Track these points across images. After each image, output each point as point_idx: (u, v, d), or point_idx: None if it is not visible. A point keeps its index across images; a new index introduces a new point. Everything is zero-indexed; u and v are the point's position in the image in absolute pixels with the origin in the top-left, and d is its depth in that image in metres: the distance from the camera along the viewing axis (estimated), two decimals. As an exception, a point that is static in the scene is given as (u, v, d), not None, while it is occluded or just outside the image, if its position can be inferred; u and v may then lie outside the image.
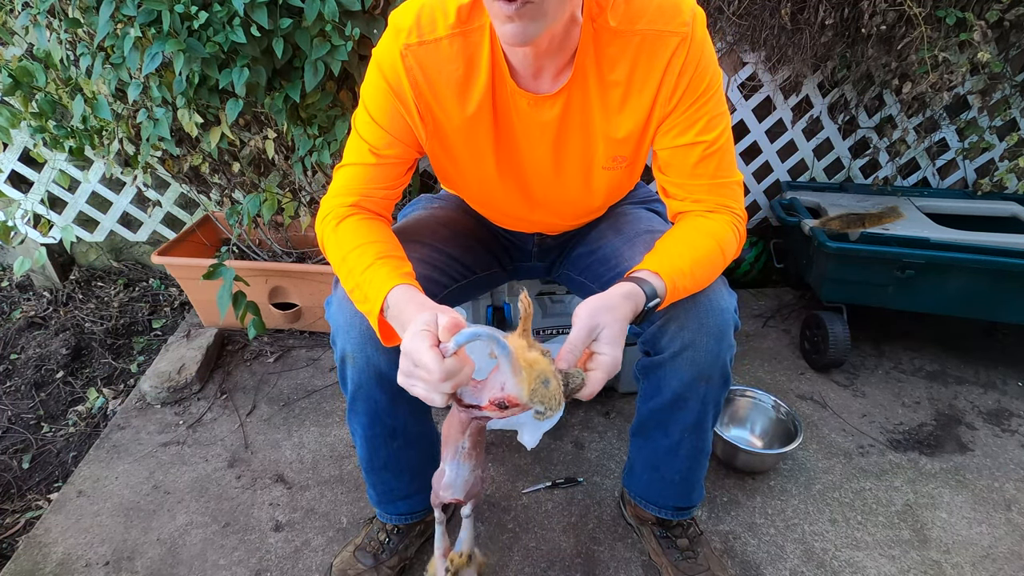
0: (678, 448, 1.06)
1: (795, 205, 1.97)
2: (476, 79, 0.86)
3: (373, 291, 0.79)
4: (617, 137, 0.90)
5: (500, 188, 1.00)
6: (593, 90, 0.87)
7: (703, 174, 0.89)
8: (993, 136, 2.13)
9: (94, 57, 1.46)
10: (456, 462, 0.77)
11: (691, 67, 0.83)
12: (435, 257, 1.05)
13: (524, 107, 0.88)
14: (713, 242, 0.88)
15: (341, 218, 0.89)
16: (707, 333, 0.91)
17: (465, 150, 0.94)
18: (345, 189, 0.92)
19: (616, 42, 0.83)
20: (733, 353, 0.96)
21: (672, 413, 1.01)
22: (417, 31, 0.83)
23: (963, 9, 1.78)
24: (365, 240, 0.86)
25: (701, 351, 0.92)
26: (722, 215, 0.90)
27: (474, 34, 0.83)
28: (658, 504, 1.16)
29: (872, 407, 1.69)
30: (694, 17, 0.83)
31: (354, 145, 0.92)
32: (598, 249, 1.11)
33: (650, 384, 1.02)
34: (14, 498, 1.42)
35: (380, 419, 1.01)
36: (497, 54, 0.84)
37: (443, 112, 0.89)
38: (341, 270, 0.86)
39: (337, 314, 0.94)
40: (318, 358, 1.86)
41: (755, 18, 1.86)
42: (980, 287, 1.61)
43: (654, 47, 0.83)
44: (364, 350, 0.92)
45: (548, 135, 0.91)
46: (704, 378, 0.95)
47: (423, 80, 0.86)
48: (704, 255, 0.87)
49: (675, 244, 0.88)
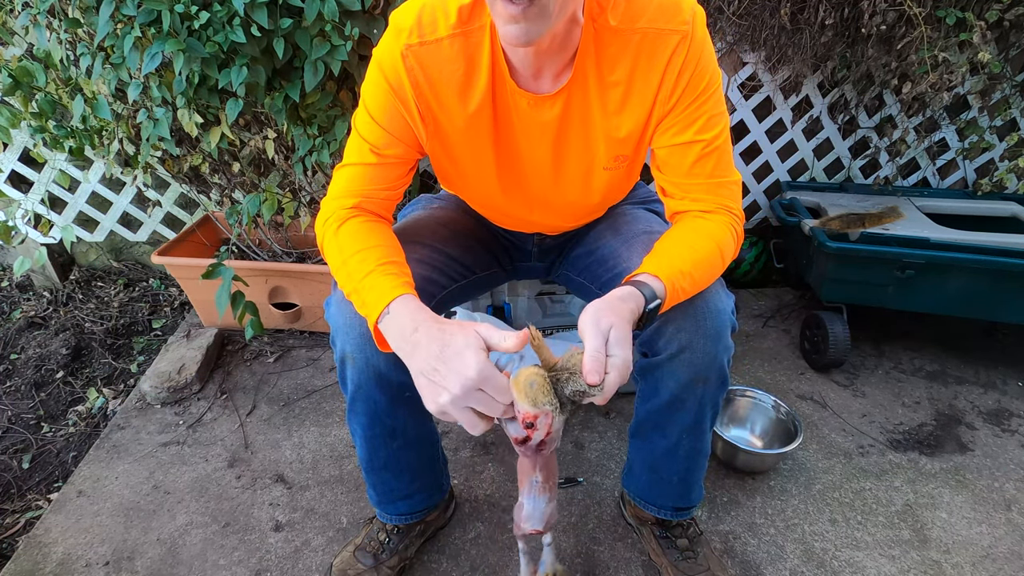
0: (676, 449, 1.06)
1: (795, 205, 1.97)
2: (476, 79, 0.86)
3: (372, 298, 0.79)
4: (618, 136, 0.90)
5: (500, 188, 1.00)
6: (593, 90, 0.87)
7: (701, 173, 0.89)
8: (993, 136, 2.13)
9: (94, 57, 1.46)
10: (532, 496, 0.82)
11: (691, 65, 0.83)
12: (434, 257, 1.05)
13: (524, 107, 0.88)
14: (712, 243, 0.88)
15: (342, 221, 0.89)
16: (704, 335, 0.91)
17: (465, 150, 0.94)
18: (346, 191, 0.92)
19: (616, 41, 0.83)
20: (731, 354, 0.96)
21: (670, 414, 1.01)
22: (418, 31, 0.83)
23: (963, 9, 1.78)
24: (366, 245, 0.86)
25: (698, 353, 0.92)
26: (720, 216, 0.90)
27: (475, 34, 0.83)
28: (657, 505, 1.16)
29: (872, 407, 1.69)
30: (694, 16, 0.83)
31: (355, 145, 0.92)
32: (597, 250, 1.11)
33: (648, 385, 1.02)
34: (14, 498, 1.42)
35: (380, 419, 1.01)
36: (497, 54, 0.84)
37: (444, 112, 0.89)
38: (340, 274, 0.86)
39: (337, 315, 0.94)
40: (318, 358, 1.86)
41: (755, 18, 1.86)
42: (980, 287, 1.61)
43: (654, 45, 0.83)
44: (364, 351, 0.92)
45: (548, 135, 0.91)
46: (701, 379, 0.95)
47: (424, 80, 0.86)
48: (703, 256, 0.87)
49: (674, 246, 0.88)
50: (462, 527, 1.30)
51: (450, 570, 1.21)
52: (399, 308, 0.77)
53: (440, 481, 1.20)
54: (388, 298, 0.78)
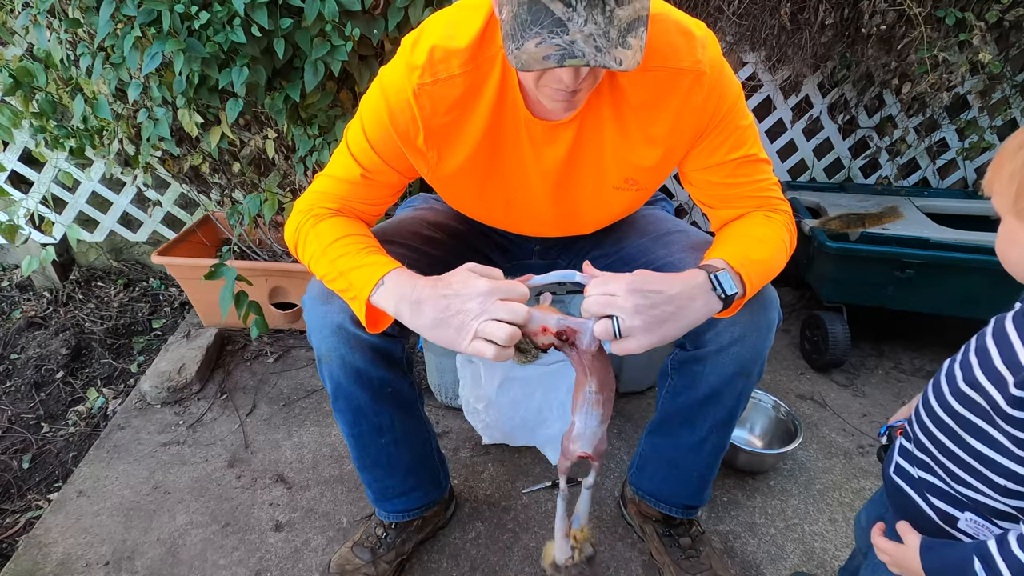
0: (703, 444, 1.05)
1: (795, 205, 1.97)
2: (486, 108, 0.85)
3: (363, 276, 0.79)
4: (630, 161, 0.90)
5: (504, 208, 0.99)
6: (606, 113, 0.86)
7: (740, 182, 0.89)
8: (993, 136, 2.13)
9: (94, 57, 1.46)
10: (585, 411, 0.76)
11: (713, 99, 0.83)
12: (410, 256, 1.03)
13: (538, 134, 0.87)
14: (777, 234, 0.87)
15: (321, 217, 0.89)
16: (757, 328, 0.90)
17: (470, 178, 0.93)
18: (328, 196, 0.91)
19: (631, 76, 0.82)
20: (770, 348, 0.96)
21: (703, 408, 1.01)
22: (431, 71, 0.82)
23: (963, 9, 1.78)
24: (346, 232, 0.86)
25: (748, 346, 0.91)
26: (776, 215, 0.90)
27: (484, 65, 0.82)
28: (670, 502, 1.16)
29: (872, 407, 1.69)
30: (704, 48, 0.81)
31: (342, 160, 0.91)
32: (620, 250, 1.11)
33: (683, 378, 1.01)
34: (14, 498, 1.42)
35: (364, 416, 1.01)
36: (509, 83, 0.83)
37: (451, 143, 0.88)
38: (320, 262, 0.85)
39: (309, 316, 0.94)
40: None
41: (755, 18, 1.86)
42: (980, 287, 1.61)
43: (669, 83, 0.82)
44: (337, 349, 0.92)
45: (559, 159, 0.90)
46: (745, 373, 0.94)
47: (435, 117, 0.85)
48: (772, 249, 0.86)
49: (742, 236, 0.87)
50: (462, 527, 1.30)
51: (450, 570, 1.21)
52: (394, 278, 0.78)
53: (438, 478, 1.20)
54: (382, 272, 0.78)
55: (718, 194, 0.92)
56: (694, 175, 0.92)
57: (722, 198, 0.92)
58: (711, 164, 0.89)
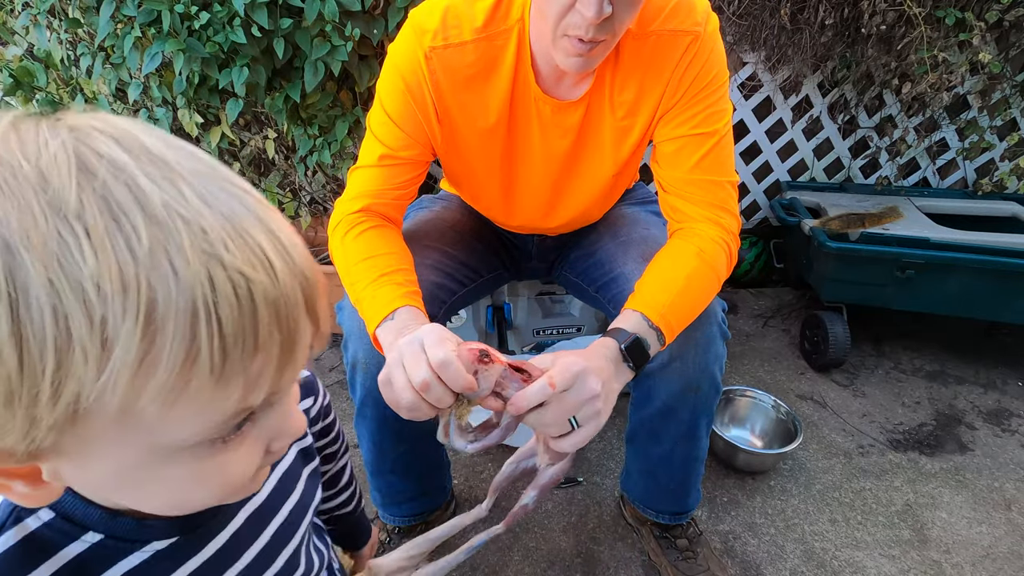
0: (671, 456, 1.05)
1: (795, 205, 1.97)
2: (498, 82, 0.85)
3: (374, 308, 0.79)
4: (630, 141, 0.90)
5: (508, 189, 0.99)
6: (608, 94, 0.87)
7: (698, 168, 0.88)
8: (993, 136, 2.13)
9: (94, 57, 1.46)
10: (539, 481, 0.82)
11: (698, 63, 0.84)
12: (444, 262, 1.04)
13: (548, 113, 0.87)
14: (714, 271, 0.86)
15: (350, 227, 0.88)
16: (693, 344, 0.90)
17: (479, 152, 0.93)
18: (357, 191, 0.91)
19: (633, 46, 0.84)
20: (722, 362, 0.95)
21: (663, 423, 1.01)
22: (443, 33, 0.82)
23: (963, 9, 1.78)
24: (371, 253, 0.85)
25: (688, 362, 0.91)
26: (711, 229, 0.87)
27: (499, 37, 0.82)
28: (655, 509, 1.16)
29: (872, 407, 1.69)
30: (707, 18, 0.83)
31: (369, 146, 0.91)
32: (595, 252, 1.11)
33: (640, 392, 1.01)
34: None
35: (388, 424, 1.00)
36: (523, 58, 0.83)
37: (462, 114, 0.88)
38: (345, 282, 0.86)
39: (350, 320, 0.93)
40: (319, 358, 1.86)
41: (755, 18, 1.86)
42: (980, 287, 1.60)
43: (667, 46, 0.83)
44: (376, 356, 0.91)
45: (568, 139, 0.90)
46: (693, 388, 0.94)
47: (446, 83, 0.85)
48: (694, 285, 0.84)
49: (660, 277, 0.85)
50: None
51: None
52: (400, 316, 0.77)
53: (444, 483, 1.21)
54: (388, 309, 0.78)
55: (677, 176, 0.90)
56: (662, 146, 0.91)
57: (679, 181, 0.90)
58: (681, 135, 0.87)
